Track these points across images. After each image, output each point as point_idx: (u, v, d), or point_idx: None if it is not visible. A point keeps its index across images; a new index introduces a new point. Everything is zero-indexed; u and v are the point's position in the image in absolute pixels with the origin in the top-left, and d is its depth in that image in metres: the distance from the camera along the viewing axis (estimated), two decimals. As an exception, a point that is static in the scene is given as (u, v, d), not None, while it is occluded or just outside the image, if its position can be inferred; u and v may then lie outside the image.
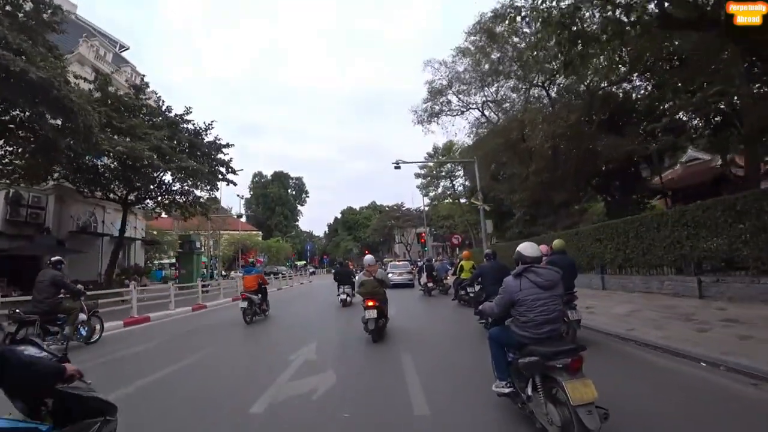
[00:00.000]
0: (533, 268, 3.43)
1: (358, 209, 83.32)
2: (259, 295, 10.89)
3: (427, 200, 50.95)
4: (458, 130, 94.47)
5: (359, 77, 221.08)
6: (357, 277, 10.00)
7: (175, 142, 19.06)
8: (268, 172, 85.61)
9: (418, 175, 50.52)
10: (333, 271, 22.46)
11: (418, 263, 24.96)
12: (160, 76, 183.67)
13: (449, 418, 3.75)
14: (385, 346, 7.02)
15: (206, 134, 20.59)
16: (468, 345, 6.86)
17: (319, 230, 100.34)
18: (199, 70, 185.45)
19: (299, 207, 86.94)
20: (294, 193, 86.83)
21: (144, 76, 23.45)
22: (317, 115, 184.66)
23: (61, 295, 7.38)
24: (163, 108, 19.63)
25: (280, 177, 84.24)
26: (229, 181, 22.37)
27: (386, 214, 62.42)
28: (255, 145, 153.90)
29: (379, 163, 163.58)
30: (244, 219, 63.96)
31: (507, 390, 3.57)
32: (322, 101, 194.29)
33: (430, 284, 15.92)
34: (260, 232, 68.41)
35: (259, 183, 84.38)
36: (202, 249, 29.15)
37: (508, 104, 28.24)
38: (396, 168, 25.40)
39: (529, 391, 3.26)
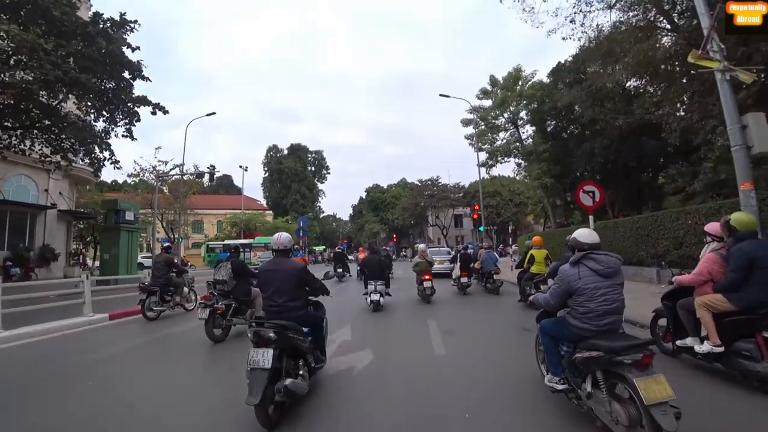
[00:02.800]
0: (592, 254, 3.27)
1: (385, 187, 72.70)
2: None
3: (482, 155, 30.00)
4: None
5: (389, 61, 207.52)
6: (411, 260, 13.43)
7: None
8: (285, 146, 76.50)
9: (467, 123, 30.90)
10: (356, 259, 19.63)
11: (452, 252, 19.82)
12: (197, 62, 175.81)
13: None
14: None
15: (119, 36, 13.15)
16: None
17: (346, 215, 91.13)
18: (231, 55, 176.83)
19: (319, 185, 77.35)
20: (313, 169, 77.27)
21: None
22: (349, 99, 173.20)
23: (172, 273, 9.52)
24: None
25: (297, 150, 74.75)
26: (151, 105, 14.47)
27: (418, 190, 51.45)
28: (285, 131, 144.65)
29: (411, 148, 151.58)
30: (206, 181, 55.24)
31: (561, 387, 3.40)
32: (354, 85, 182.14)
33: (464, 279, 12.11)
34: (271, 211, 59.32)
35: (274, 158, 75.24)
36: (139, 223, 19.70)
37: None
38: (442, 96, 19.70)
39: (589, 387, 3.08)
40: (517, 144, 27.02)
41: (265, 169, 75.57)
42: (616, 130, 16.52)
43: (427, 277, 10.61)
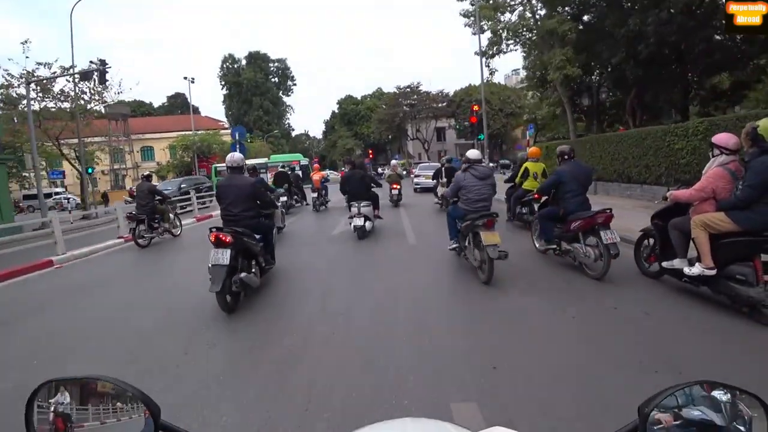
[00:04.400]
0: (473, 166, 5.49)
1: (359, 99, 65.15)
2: None
3: (484, 39, 21.83)
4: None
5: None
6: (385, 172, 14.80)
7: None
8: (242, 54, 66.45)
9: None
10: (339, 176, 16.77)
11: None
12: None
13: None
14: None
15: None
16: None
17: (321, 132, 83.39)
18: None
19: (284, 98, 68.94)
20: (276, 80, 68.18)
21: None
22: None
23: (156, 200, 9.73)
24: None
25: (256, 59, 64.91)
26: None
27: (396, 98, 45.02)
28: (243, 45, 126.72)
29: (393, 61, 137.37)
30: (98, 84, 48.47)
31: (455, 245, 5.95)
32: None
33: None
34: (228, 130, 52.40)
35: (230, 69, 65.56)
36: (7, 153, 14.54)
37: None
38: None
39: (466, 243, 5.49)
40: (531, 22, 18.83)
41: (222, 82, 66.19)
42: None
43: (395, 186, 13.47)
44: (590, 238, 4.96)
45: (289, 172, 15.28)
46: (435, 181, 13.86)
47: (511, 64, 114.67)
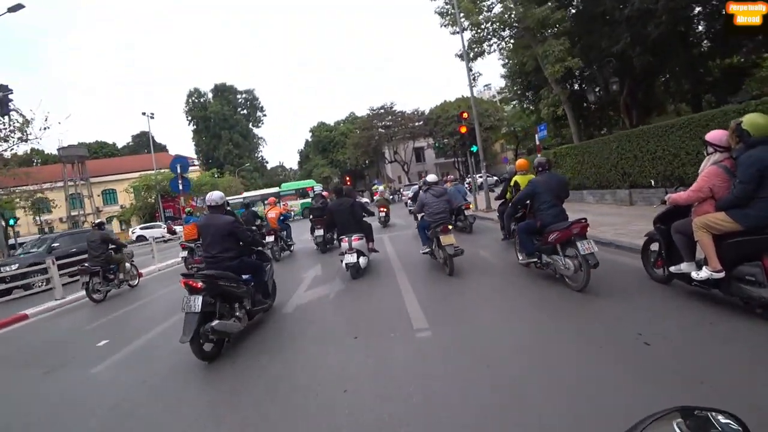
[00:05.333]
0: (432, 187, 7.13)
1: (332, 125, 63.45)
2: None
3: (467, 35, 18.70)
4: None
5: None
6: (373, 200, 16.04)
7: None
8: (208, 87, 64.46)
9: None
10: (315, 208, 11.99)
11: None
12: None
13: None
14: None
15: None
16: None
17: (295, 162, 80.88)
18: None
19: (254, 129, 66.84)
20: (245, 112, 66.23)
21: None
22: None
23: (110, 250, 9.22)
24: None
25: (223, 91, 63.14)
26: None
27: (369, 120, 43.25)
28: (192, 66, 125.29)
29: (368, 79, 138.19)
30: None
31: (427, 249, 7.26)
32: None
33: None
34: (198, 167, 49.65)
35: (197, 104, 63.32)
36: None
37: None
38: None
39: (434, 246, 6.93)
40: (515, 12, 16.05)
41: (189, 118, 63.77)
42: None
43: (383, 209, 15.08)
44: (569, 250, 4.83)
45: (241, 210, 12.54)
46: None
47: (482, 80, 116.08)
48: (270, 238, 10.36)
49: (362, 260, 7.22)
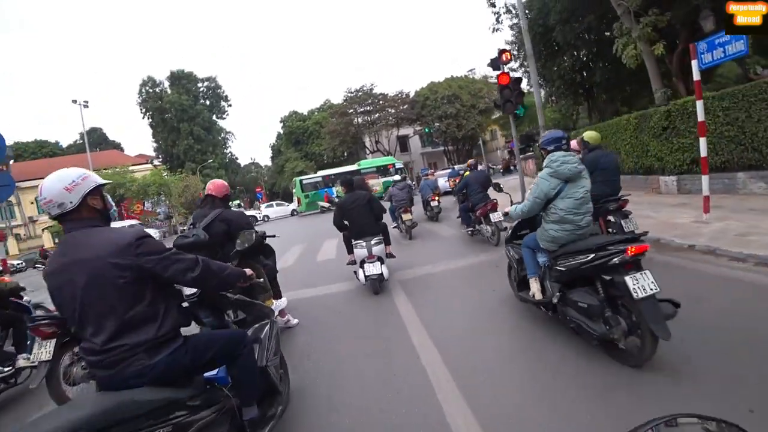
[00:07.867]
0: (397, 183, 11.09)
1: (305, 114, 57.53)
2: None
3: None
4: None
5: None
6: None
7: None
8: (163, 75, 57.48)
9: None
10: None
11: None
12: None
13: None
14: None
15: None
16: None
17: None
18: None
19: (219, 122, 60.29)
20: (208, 102, 59.56)
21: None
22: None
23: None
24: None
25: (180, 79, 56.15)
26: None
27: (346, 106, 37.79)
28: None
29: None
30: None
31: (395, 225, 10.39)
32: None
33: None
34: (150, 165, 43.18)
35: (151, 94, 56.19)
36: None
37: None
38: None
39: (400, 222, 10.28)
40: None
41: (142, 110, 56.65)
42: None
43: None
44: (489, 219, 7.36)
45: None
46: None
47: (466, 64, 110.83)
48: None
49: (384, 270, 5.79)
